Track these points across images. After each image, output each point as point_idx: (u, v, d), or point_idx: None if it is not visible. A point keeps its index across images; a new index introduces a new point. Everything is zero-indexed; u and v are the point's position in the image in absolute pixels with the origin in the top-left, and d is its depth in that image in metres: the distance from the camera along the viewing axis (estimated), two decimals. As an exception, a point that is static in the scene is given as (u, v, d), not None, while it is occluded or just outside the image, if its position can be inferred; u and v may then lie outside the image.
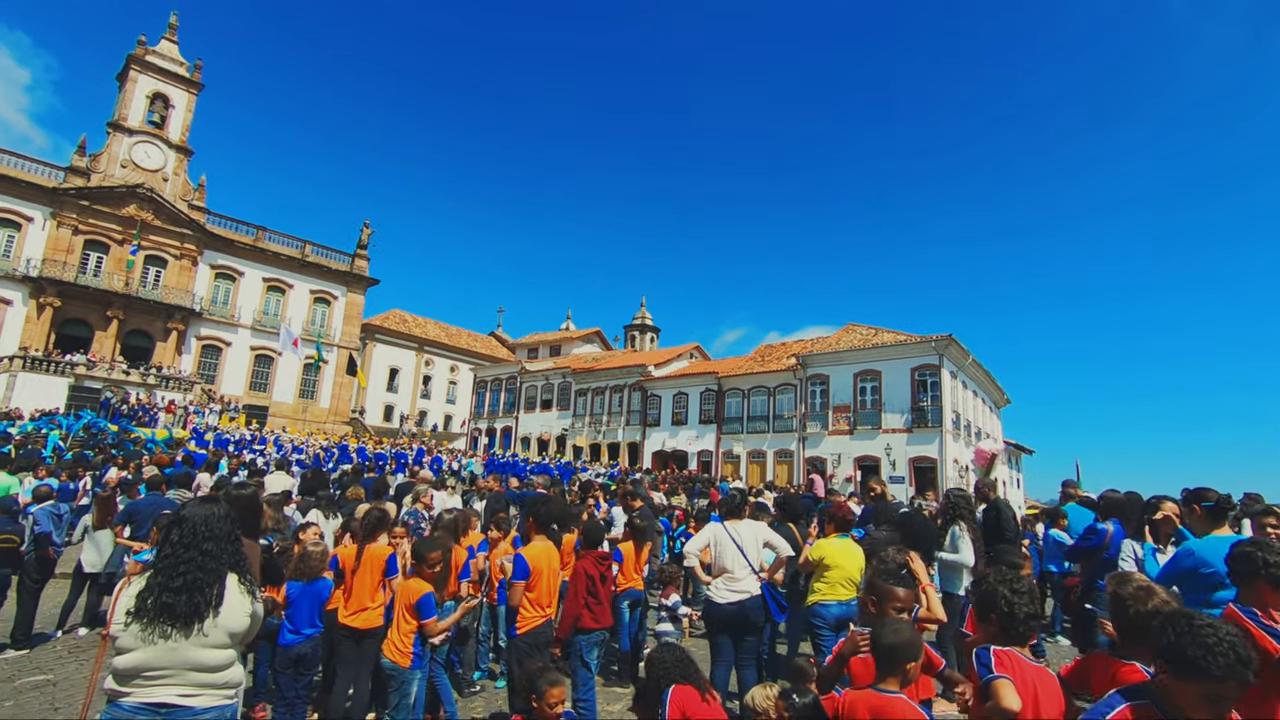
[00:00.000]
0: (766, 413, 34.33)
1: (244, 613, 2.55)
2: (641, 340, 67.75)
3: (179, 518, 2.53)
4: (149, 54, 39.75)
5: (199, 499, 2.59)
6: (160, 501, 7.71)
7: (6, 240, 34.33)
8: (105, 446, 15.51)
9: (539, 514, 4.24)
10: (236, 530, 2.61)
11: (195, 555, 2.45)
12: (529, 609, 4.06)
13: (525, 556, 4.04)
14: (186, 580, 2.41)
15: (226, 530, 2.57)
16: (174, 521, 2.53)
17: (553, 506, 4.48)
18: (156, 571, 2.44)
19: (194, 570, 2.43)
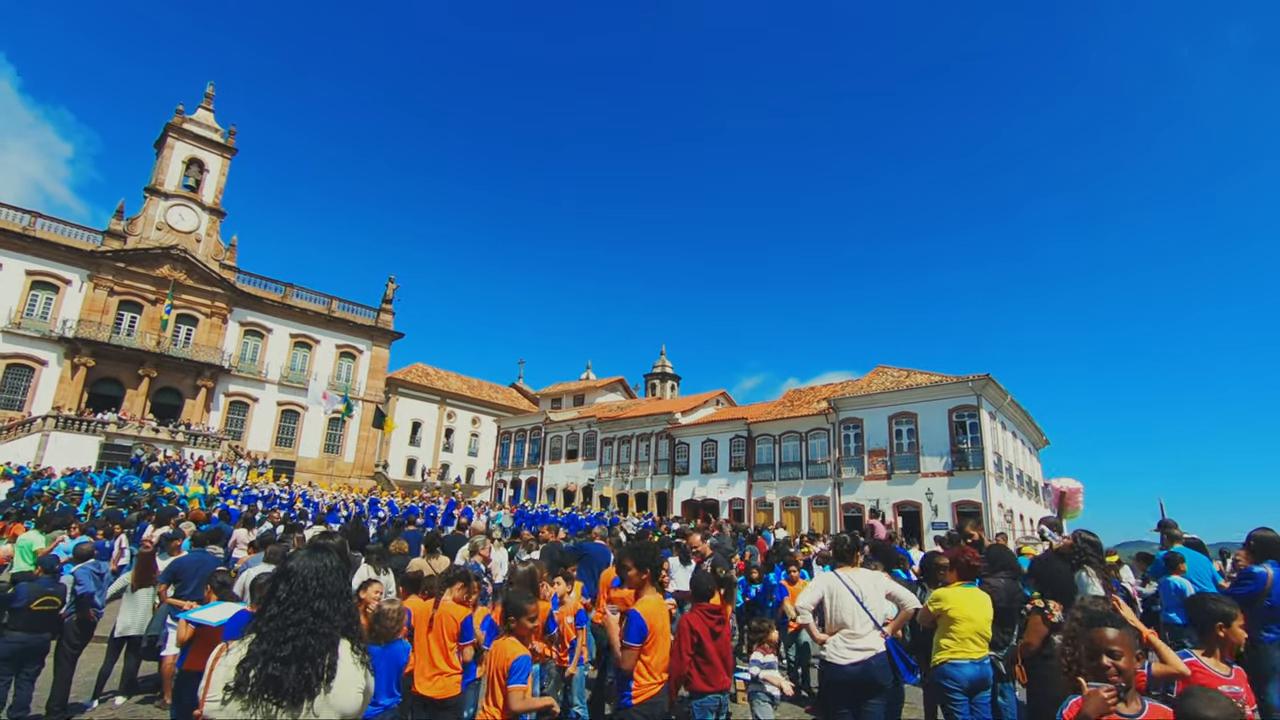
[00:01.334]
0: (799, 458, 33.48)
1: (357, 688, 2.12)
2: (662, 388, 67.33)
3: (285, 571, 2.13)
4: (186, 122, 41.26)
5: (308, 548, 2.19)
6: (205, 558, 7.31)
7: (45, 302, 35.04)
8: (138, 504, 15.22)
9: (649, 563, 3.77)
10: (350, 586, 2.21)
11: (306, 616, 2.04)
12: (645, 675, 3.56)
13: (642, 615, 3.56)
14: (296, 647, 2.00)
15: (340, 586, 2.16)
16: (280, 575, 2.13)
17: (659, 554, 4.01)
18: (260, 636, 2.03)
19: (304, 635, 2.01)
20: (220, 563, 7.52)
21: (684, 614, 4.03)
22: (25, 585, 6.08)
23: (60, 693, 6.43)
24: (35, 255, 34.76)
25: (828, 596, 4.32)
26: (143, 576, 7.20)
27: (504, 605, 3.66)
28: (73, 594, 6.54)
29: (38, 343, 34.37)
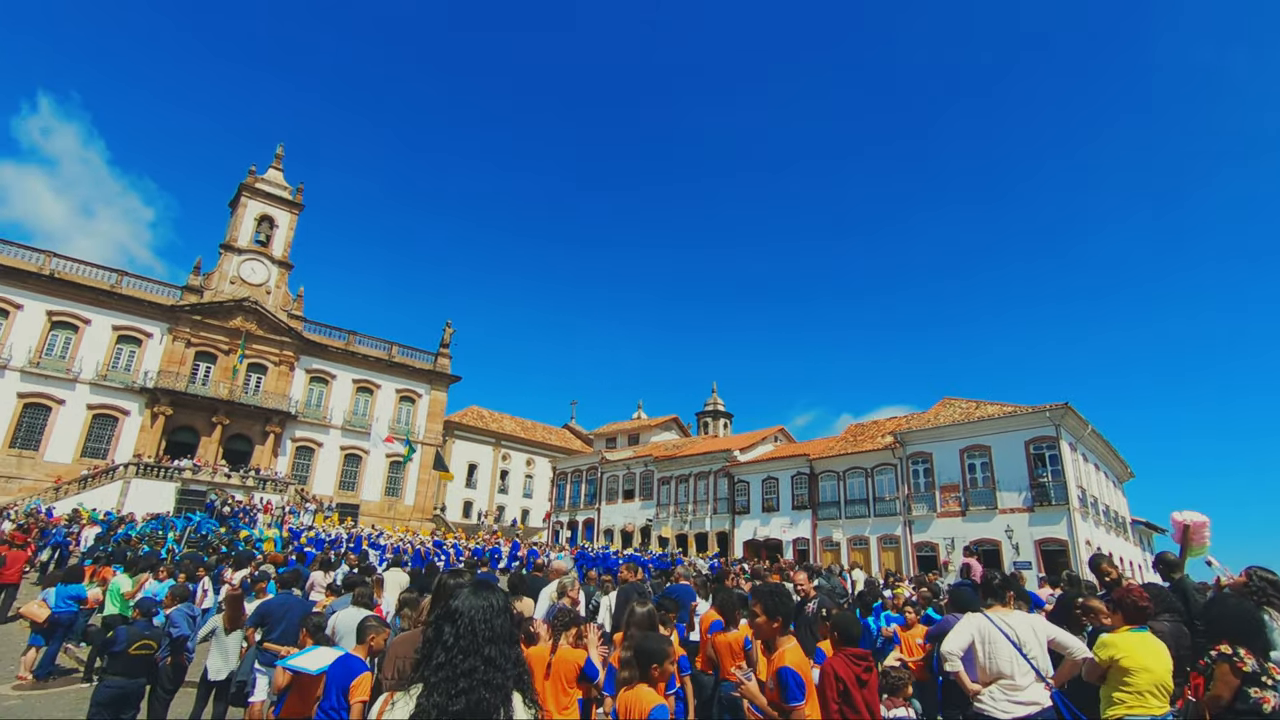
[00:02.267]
0: (865, 495, 32.27)
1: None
2: (715, 426, 66.43)
3: (450, 612, 1.90)
4: (258, 181, 43.61)
5: (473, 586, 1.97)
6: (291, 600, 7.23)
7: (129, 355, 36.96)
8: (215, 547, 15.53)
9: (781, 610, 3.41)
10: (516, 630, 1.97)
11: (477, 664, 1.81)
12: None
13: (794, 668, 3.19)
14: (470, 701, 1.76)
15: (509, 630, 1.93)
16: (444, 617, 1.91)
17: (790, 600, 3.64)
18: (428, 688, 1.80)
19: (478, 687, 1.78)
20: (307, 605, 7.42)
21: (827, 659, 3.65)
22: (124, 629, 6.07)
23: (154, 739, 6.35)
24: (121, 311, 36.85)
25: (979, 641, 3.87)
26: (233, 619, 7.15)
27: (639, 650, 3.36)
28: (168, 637, 6.50)
29: (121, 393, 36.16)
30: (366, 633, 4.23)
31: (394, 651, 2.79)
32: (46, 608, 10.24)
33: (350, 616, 6.43)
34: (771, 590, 3.49)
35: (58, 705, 9.16)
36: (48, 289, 34.77)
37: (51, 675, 10.25)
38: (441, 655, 1.82)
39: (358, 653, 4.14)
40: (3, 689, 9.72)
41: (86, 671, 10.34)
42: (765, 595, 3.48)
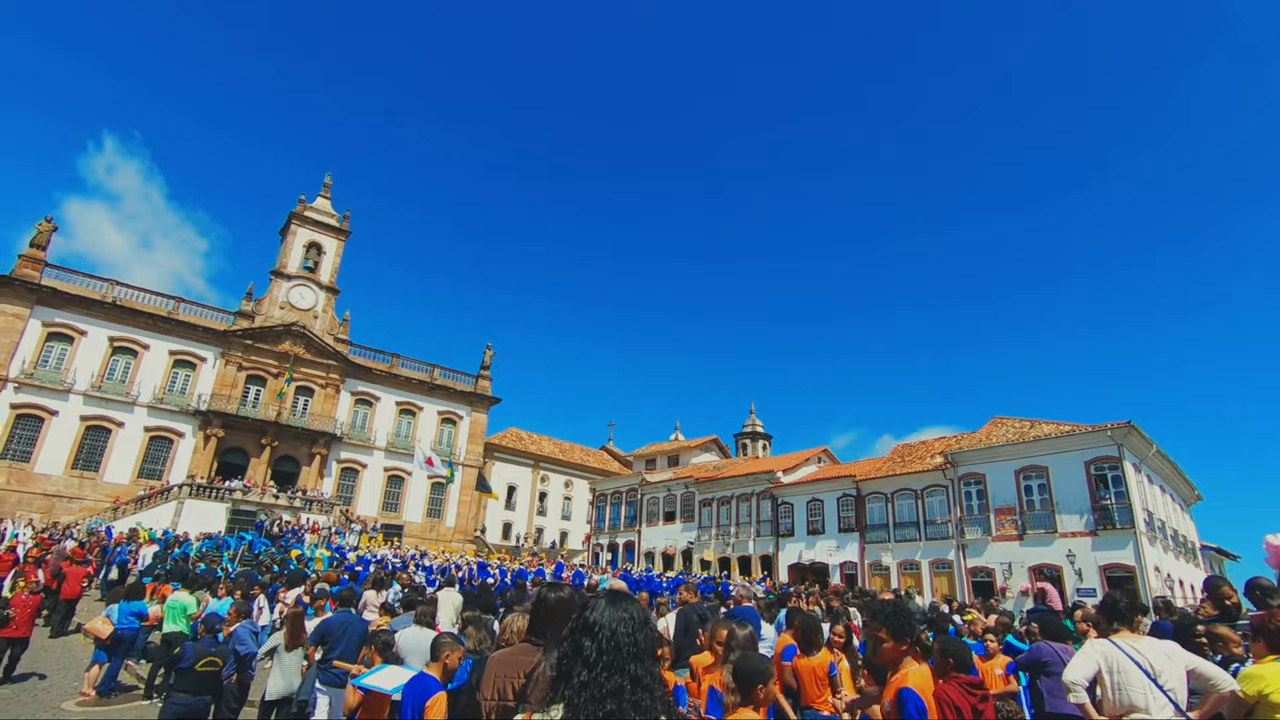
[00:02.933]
0: (915, 518, 31.27)
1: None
2: (754, 448, 65.52)
3: (587, 624, 1.72)
4: (307, 210, 44.96)
5: (609, 597, 1.78)
6: (350, 619, 7.15)
7: (184, 379, 38.14)
8: (268, 566, 15.69)
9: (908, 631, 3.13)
10: (655, 646, 1.78)
11: (623, 684, 1.61)
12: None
13: (916, 691, 2.93)
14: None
15: (651, 645, 1.73)
16: (582, 630, 1.73)
17: (915, 620, 3.36)
18: (571, 707, 1.61)
19: (627, 709, 1.58)
20: (366, 624, 7.33)
21: (939, 686, 3.36)
22: (190, 645, 6.04)
23: (217, 759, 6.28)
24: (177, 336, 38.12)
25: (1105, 670, 3.53)
26: (294, 637, 7.10)
27: (742, 671, 3.13)
28: (234, 655, 6.45)
29: (176, 416, 37.26)
30: (441, 650, 4.08)
31: (495, 670, 2.62)
32: (110, 624, 10.39)
33: (414, 636, 6.31)
34: (896, 610, 3.24)
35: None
36: (110, 315, 36.18)
37: (114, 692, 10.36)
38: (584, 673, 1.63)
39: (431, 671, 3.99)
40: (68, 705, 9.84)
41: (147, 688, 10.43)
42: (891, 616, 3.22)
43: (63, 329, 34.80)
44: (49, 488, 33.02)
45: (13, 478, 32.28)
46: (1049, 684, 5.60)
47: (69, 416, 34.19)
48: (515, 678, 2.54)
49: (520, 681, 2.53)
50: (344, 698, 4.37)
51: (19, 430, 32.95)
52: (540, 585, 2.83)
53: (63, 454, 33.74)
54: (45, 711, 9.42)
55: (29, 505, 31.61)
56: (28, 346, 33.66)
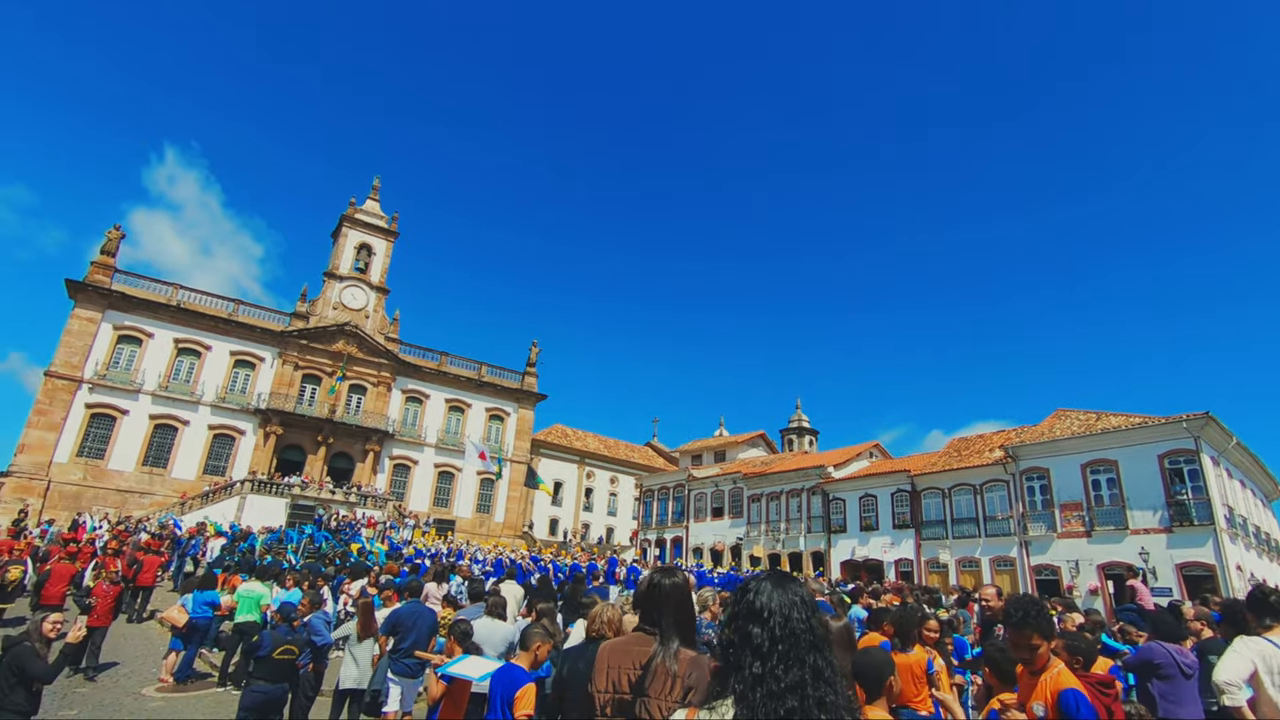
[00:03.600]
0: (974, 514, 30.26)
1: None
2: (800, 443, 64.57)
3: (753, 609, 1.51)
4: (357, 212, 45.97)
5: (774, 578, 1.57)
6: (420, 609, 7.13)
7: (244, 379, 39.44)
8: (330, 559, 16.03)
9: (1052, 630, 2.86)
10: (828, 634, 1.56)
11: (803, 677, 1.41)
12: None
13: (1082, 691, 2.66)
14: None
15: (825, 633, 1.53)
16: (748, 614, 1.52)
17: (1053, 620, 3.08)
18: (745, 704, 1.41)
19: (810, 707, 1.37)
20: (434, 615, 7.31)
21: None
22: (268, 634, 6.08)
23: (295, 746, 6.33)
24: (237, 338, 39.43)
25: (1265, 671, 3.19)
26: (365, 627, 7.12)
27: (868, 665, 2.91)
28: (310, 643, 6.49)
29: (238, 414, 38.56)
30: (531, 641, 3.95)
31: (608, 661, 2.46)
32: (185, 613, 10.68)
33: (487, 627, 6.24)
34: (1041, 611, 2.97)
35: (197, 708, 9.46)
36: (175, 318, 37.63)
37: (190, 678, 10.66)
38: (757, 664, 1.43)
39: (520, 662, 3.87)
40: (147, 690, 10.16)
41: (221, 676, 10.70)
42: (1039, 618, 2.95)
43: (132, 332, 36.33)
44: (121, 483, 34.54)
45: (89, 474, 33.87)
46: (1161, 687, 5.20)
47: (139, 415, 35.70)
48: (630, 669, 2.38)
49: (635, 673, 2.37)
50: (427, 688, 4.29)
51: (94, 429, 34.56)
52: (652, 571, 2.65)
53: (134, 451, 35.25)
54: (127, 697, 9.73)
55: (104, 500, 33.11)
56: (100, 349, 35.25)
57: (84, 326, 34.93)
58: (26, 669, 5.02)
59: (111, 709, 9.13)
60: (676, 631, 2.42)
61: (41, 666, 5.07)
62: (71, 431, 33.79)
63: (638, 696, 2.31)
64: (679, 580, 2.55)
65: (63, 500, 32.38)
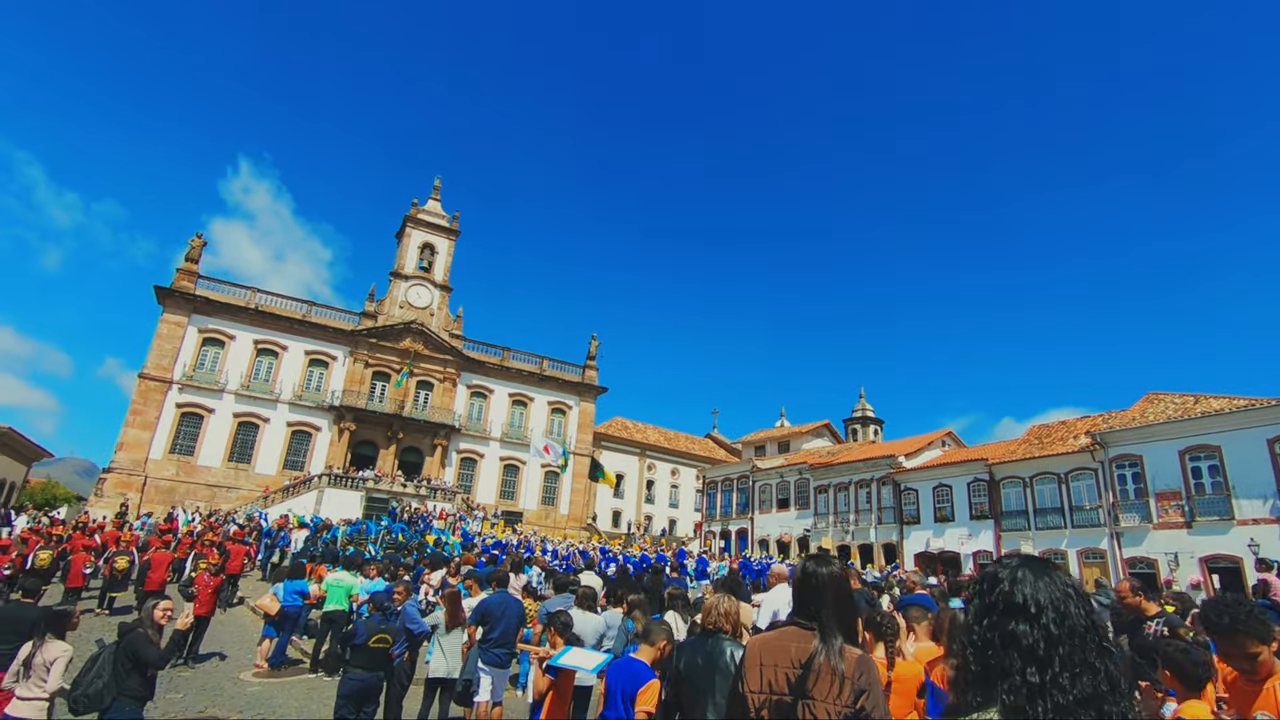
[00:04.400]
0: (1059, 504, 28.74)
1: None
2: (865, 433, 62.93)
3: (1015, 603, 1.24)
4: (419, 213, 47.03)
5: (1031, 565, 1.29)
6: (508, 599, 7.08)
7: (319, 377, 40.95)
8: (409, 550, 16.40)
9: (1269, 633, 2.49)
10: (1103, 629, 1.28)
11: (1099, 688, 1.13)
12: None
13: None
14: None
15: (1106, 632, 1.24)
16: (1008, 609, 1.25)
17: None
18: (1013, 710, 1.15)
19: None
20: (522, 605, 7.25)
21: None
22: (362, 623, 6.11)
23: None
24: (311, 338, 40.96)
25: None
26: (453, 616, 7.11)
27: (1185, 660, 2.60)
28: (404, 632, 6.51)
29: (313, 411, 40.08)
30: (656, 637, 3.76)
31: (760, 658, 2.22)
32: (277, 601, 11.02)
33: (579, 618, 6.10)
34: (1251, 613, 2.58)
35: (291, 693, 9.73)
36: (253, 320, 39.36)
37: (283, 664, 11.01)
38: (1032, 671, 1.16)
39: (643, 657, 3.68)
40: (245, 675, 10.53)
41: (313, 662, 11.00)
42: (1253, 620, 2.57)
43: (215, 334, 38.18)
44: (210, 479, 36.40)
45: (180, 469, 35.82)
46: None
47: (224, 414, 37.52)
48: (788, 667, 2.14)
49: (794, 671, 2.13)
50: (533, 682, 4.15)
51: (184, 427, 36.51)
52: (804, 560, 2.39)
53: (220, 448, 37.09)
54: (227, 682, 10.11)
55: (194, 494, 34.97)
56: (187, 351, 37.18)
57: (172, 330, 36.90)
58: (140, 654, 5.15)
59: (213, 693, 9.48)
60: (838, 626, 2.16)
61: (154, 652, 5.20)
62: (164, 430, 35.78)
63: (799, 698, 2.07)
64: (835, 569, 2.29)
65: (158, 494, 34.33)
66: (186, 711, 8.50)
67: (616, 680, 3.50)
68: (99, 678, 5.12)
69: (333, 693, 9.89)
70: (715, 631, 3.36)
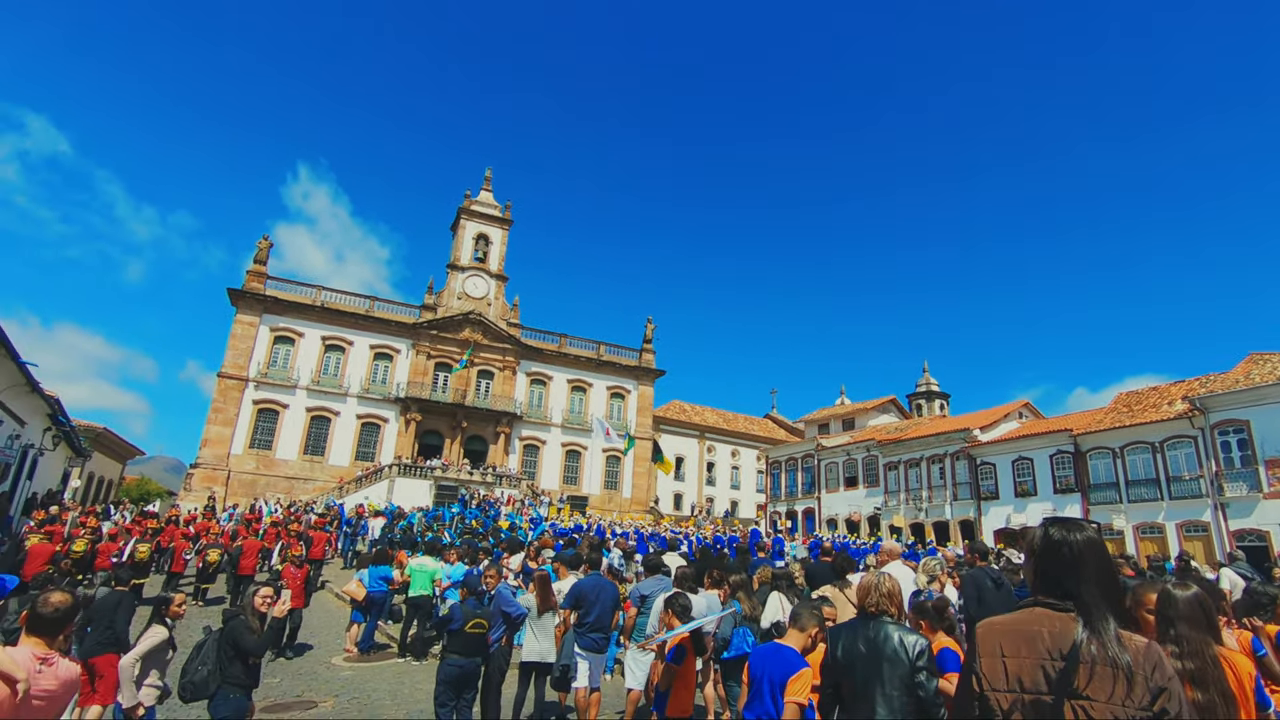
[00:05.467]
0: (1154, 474, 27.01)
1: None
2: (930, 407, 60.82)
3: None
4: (472, 204, 47.43)
5: None
6: (603, 582, 6.81)
7: (384, 370, 41.93)
8: (485, 534, 16.49)
9: None
10: None
11: None
12: None
13: None
14: None
15: None
16: None
17: None
18: None
19: None
20: (614, 586, 6.97)
21: None
22: (459, 607, 5.93)
23: (491, 718, 6.17)
24: (375, 332, 41.93)
25: None
26: (544, 599, 6.88)
27: None
28: (499, 617, 6.31)
29: (380, 403, 41.11)
30: (806, 622, 3.37)
31: (1003, 647, 1.79)
32: (363, 587, 11.13)
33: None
34: None
35: (382, 678, 9.78)
36: (320, 318, 40.51)
37: (372, 649, 11.12)
38: None
39: (791, 643, 3.30)
40: (336, 660, 10.67)
41: (400, 647, 11.07)
42: None
43: (286, 332, 39.47)
44: (287, 471, 37.79)
45: (260, 464, 37.30)
46: None
47: (297, 409, 38.83)
48: (1044, 658, 1.70)
49: (1053, 663, 1.69)
50: (654, 674, 3.82)
51: (261, 423, 37.96)
52: (1045, 524, 1.94)
53: (295, 441, 38.44)
54: (320, 666, 10.25)
55: (274, 487, 36.35)
56: (260, 350, 38.56)
57: (245, 330, 38.30)
58: (239, 642, 5.07)
59: (308, 678, 9.61)
60: (1107, 607, 1.71)
61: (252, 640, 5.11)
62: (244, 426, 37.28)
63: (1066, 698, 1.63)
64: (1091, 534, 1.83)
65: (241, 487, 35.83)
66: (284, 696, 8.60)
67: (762, 669, 3.13)
68: (203, 665, 5.07)
69: (422, 677, 9.95)
70: (877, 614, 2.94)
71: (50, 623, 2.94)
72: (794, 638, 3.32)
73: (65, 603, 2.98)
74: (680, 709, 3.78)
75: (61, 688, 2.87)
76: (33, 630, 2.93)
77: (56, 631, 2.97)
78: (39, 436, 23.41)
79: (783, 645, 3.26)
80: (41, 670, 2.79)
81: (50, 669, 2.83)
